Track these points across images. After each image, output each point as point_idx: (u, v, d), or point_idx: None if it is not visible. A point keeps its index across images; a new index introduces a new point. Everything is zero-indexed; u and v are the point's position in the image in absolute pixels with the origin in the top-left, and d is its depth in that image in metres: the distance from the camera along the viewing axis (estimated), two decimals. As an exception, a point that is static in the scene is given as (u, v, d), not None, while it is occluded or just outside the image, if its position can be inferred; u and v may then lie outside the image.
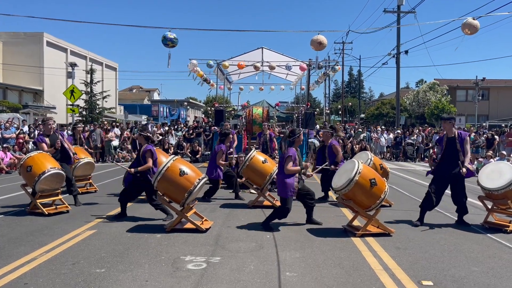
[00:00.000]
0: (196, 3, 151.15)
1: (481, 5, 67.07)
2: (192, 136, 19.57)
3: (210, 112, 27.50)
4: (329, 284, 4.17)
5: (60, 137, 8.07)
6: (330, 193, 8.82)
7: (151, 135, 7.11)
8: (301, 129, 6.74)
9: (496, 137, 17.81)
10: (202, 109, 63.57)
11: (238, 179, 9.37)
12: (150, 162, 6.74)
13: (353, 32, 37.54)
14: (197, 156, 17.90)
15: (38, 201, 7.16)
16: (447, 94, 38.62)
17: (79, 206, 7.90)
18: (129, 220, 6.76)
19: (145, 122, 26.26)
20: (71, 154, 8.20)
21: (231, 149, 11.10)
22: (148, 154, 6.78)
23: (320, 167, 8.02)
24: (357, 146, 17.96)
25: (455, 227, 6.65)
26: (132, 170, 6.72)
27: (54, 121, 8.60)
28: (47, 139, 7.85)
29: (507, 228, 6.27)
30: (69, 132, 15.64)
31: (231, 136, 9.34)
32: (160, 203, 6.64)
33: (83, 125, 10.87)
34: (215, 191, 8.91)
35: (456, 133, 6.79)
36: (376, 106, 49.12)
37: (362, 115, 51.10)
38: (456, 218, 6.90)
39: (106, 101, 36.25)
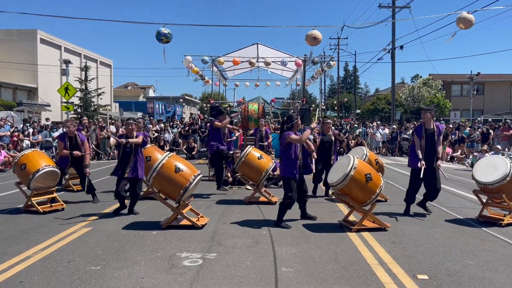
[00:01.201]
0: (194, 2, 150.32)
1: (475, -1, 67.09)
2: (187, 133, 19.54)
3: (205, 108, 27.37)
4: (325, 279, 4.18)
5: (79, 140, 8.11)
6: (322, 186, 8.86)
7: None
8: (297, 115, 6.77)
9: (491, 131, 17.89)
10: (197, 106, 63.38)
11: (232, 175, 9.36)
12: (140, 139, 6.94)
13: (348, 27, 37.29)
14: (193, 152, 17.87)
15: (33, 199, 7.13)
16: (441, 90, 38.73)
17: (98, 203, 8.05)
18: (125, 217, 6.74)
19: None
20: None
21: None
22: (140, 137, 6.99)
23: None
24: (353, 141, 17.99)
25: (450, 221, 6.67)
26: (124, 140, 6.80)
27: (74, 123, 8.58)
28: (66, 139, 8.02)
29: (501, 222, 6.30)
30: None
31: (225, 115, 9.33)
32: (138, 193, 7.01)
33: (86, 119, 10.94)
34: (222, 174, 8.96)
35: (435, 125, 6.86)
36: (371, 102, 49.19)
37: (358, 111, 51.17)
38: (421, 202, 7.20)
39: (101, 98, 35.99)
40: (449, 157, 17.65)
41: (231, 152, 9.26)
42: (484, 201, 6.73)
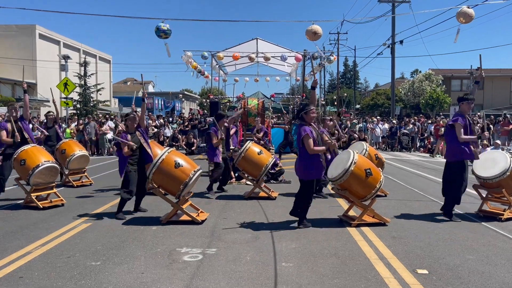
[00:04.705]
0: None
1: (476, -6, 66.69)
2: (187, 128, 19.52)
3: (205, 104, 27.37)
4: (325, 273, 4.19)
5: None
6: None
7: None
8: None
9: (491, 126, 17.86)
10: (197, 101, 63.28)
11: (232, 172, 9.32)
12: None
13: (348, 22, 37.28)
14: (193, 148, 17.86)
15: (32, 194, 7.12)
16: (442, 84, 38.68)
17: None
18: (125, 213, 6.73)
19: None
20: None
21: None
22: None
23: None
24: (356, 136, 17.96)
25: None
26: (133, 145, 6.41)
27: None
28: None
29: (501, 216, 6.30)
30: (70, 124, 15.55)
31: (224, 119, 8.98)
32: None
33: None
34: (226, 177, 8.97)
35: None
36: (371, 97, 49.14)
37: (358, 106, 51.10)
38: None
39: (100, 94, 35.98)
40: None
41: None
42: (484, 195, 6.73)
